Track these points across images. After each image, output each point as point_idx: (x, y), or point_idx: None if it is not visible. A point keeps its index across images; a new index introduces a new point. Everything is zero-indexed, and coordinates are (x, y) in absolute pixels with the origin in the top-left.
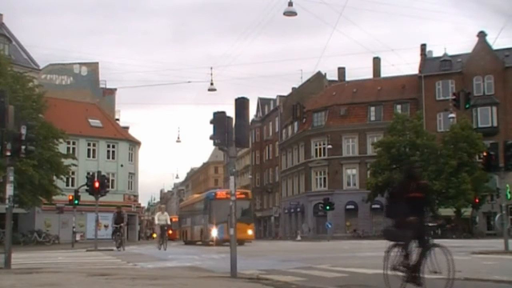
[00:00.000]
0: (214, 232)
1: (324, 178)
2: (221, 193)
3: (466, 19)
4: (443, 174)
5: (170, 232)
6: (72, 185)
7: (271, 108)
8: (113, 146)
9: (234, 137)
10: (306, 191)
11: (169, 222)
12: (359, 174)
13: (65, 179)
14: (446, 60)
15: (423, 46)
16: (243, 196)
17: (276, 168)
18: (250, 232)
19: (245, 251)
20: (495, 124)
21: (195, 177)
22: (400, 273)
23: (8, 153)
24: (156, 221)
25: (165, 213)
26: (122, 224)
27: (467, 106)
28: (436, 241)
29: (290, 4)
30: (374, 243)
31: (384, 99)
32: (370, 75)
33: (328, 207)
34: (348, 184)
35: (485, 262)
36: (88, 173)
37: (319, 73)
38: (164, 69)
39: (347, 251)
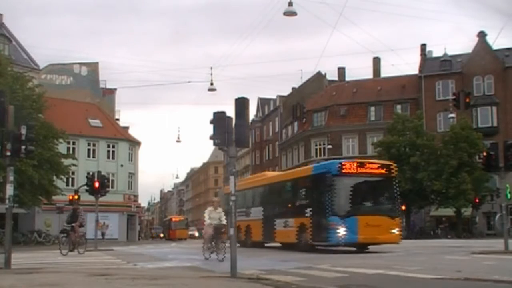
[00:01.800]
0: (340, 231)
1: None
2: (350, 164)
3: (466, 19)
4: (443, 174)
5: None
6: (72, 185)
7: (271, 108)
8: (113, 146)
9: (234, 137)
10: None
11: (225, 221)
12: None
13: (65, 179)
14: (446, 60)
15: (423, 46)
16: (382, 171)
17: (276, 168)
18: (395, 231)
19: (245, 251)
20: (495, 124)
21: (195, 177)
22: None
23: (8, 153)
24: (207, 220)
25: (219, 209)
26: (74, 224)
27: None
28: (434, 241)
29: (290, 4)
30: None
31: (384, 99)
32: (370, 75)
33: None
34: None
35: (485, 262)
36: (88, 173)
37: (319, 73)
38: (164, 69)
39: (347, 251)
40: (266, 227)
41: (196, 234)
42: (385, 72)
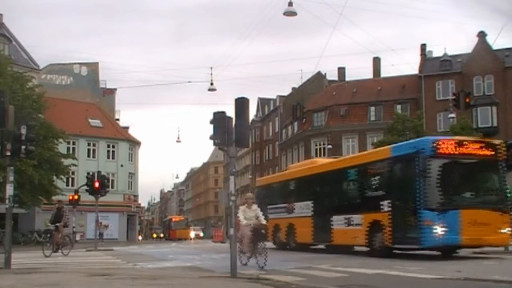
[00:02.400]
0: (436, 230)
1: None
2: (448, 143)
3: (466, 19)
4: None
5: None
6: (72, 185)
7: (271, 108)
8: (113, 146)
9: (234, 137)
10: None
11: (264, 220)
12: None
13: (65, 179)
14: (446, 60)
15: (423, 46)
16: (487, 152)
17: (276, 168)
18: (504, 230)
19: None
20: (495, 124)
21: (195, 177)
22: None
23: (8, 153)
24: (243, 221)
25: (254, 206)
26: (58, 224)
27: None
28: None
29: (290, 4)
30: None
31: (384, 99)
32: (370, 75)
33: None
34: None
35: (485, 262)
36: (88, 173)
37: (319, 73)
38: (164, 69)
39: (347, 251)
40: (318, 226)
41: (201, 234)
42: (385, 72)
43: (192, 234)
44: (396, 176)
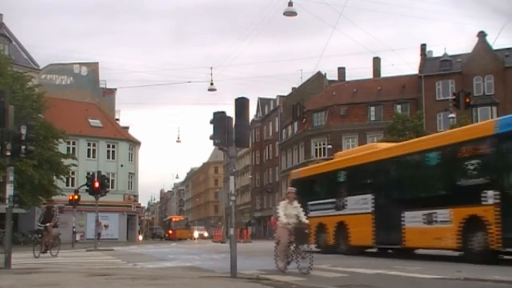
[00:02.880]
0: None
1: None
2: None
3: (466, 19)
4: None
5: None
6: (72, 185)
7: (271, 108)
8: (113, 146)
9: (234, 137)
10: None
11: (305, 219)
12: None
13: (65, 179)
14: (446, 60)
15: (423, 46)
16: None
17: (276, 168)
18: None
19: (245, 251)
20: None
21: (195, 177)
22: None
23: (8, 153)
24: (284, 219)
25: (296, 202)
26: (48, 224)
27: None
28: None
29: (290, 4)
30: None
31: (384, 99)
32: (370, 75)
33: None
34: None
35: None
36: (88, 173)
37: (319, 73)
38: (164, 69)
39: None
40: (381, 225)
41: (206, 234)
42: (385, 72)
43: (196, 234)
44: (508, 159)
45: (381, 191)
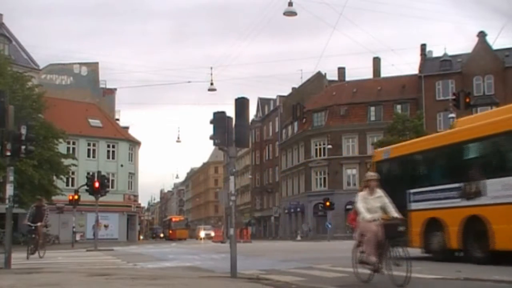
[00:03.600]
0: None
1: (324, 178)
2: None
3: (466, 19)
4: None
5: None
6: (72, 185)
7: (271, 108)
8: (113, 146)
9: (234, 137)
10: (306, 191)
11: (395, 213)
12: (359, 174)
13: (65, 179)
14: (446, 60)
15: (423, 46)
16: None
17: (276, 168)
18: None
19: (245, 251)
20: None
21: (195, 177)
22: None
23: (8, 153)
24: (367, 215)
25: (378, 192)
26: (39, 224)
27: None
28: None
29: (290, 4)
30: None
31: (384, 99)
32: (370, 75)
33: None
34: (348, 184)
35: None
36: (88, 173)
37: (319, 73)
38: (164, 69)
39: (347, 251)
40: None
41: (213, 234)
42: (385, 72)
43: (202, 234)
44: None
45: None
